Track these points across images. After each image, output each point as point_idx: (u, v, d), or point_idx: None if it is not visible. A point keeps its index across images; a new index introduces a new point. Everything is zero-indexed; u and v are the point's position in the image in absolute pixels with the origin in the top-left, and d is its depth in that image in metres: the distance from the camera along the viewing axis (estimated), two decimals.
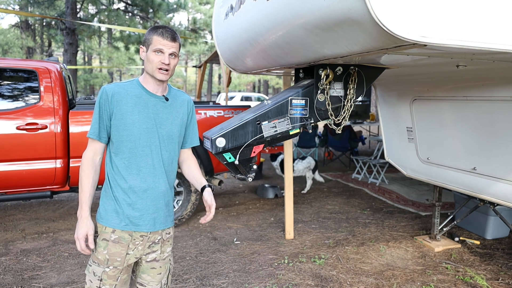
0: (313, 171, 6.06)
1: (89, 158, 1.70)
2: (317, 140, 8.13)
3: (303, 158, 6.08)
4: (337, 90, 2.34)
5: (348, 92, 2.35)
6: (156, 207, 1.75)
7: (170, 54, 1.68)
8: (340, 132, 2.42)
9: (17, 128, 3.65)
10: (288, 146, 4.00)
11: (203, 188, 1.85)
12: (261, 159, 6.52)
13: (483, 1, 1.41)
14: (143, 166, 1.72)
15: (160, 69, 1.67)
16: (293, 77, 3.15)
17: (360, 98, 2.59)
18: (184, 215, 4.40)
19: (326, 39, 1.74)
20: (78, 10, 12.90)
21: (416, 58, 2.05)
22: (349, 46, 1.67)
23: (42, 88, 3.77)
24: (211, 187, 1.86)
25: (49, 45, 22.00)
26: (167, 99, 1.77)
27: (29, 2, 15.42)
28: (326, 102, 2.32)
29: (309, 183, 6.03)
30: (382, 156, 7.01)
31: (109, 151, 1.74)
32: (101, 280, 1.69)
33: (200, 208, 5.08)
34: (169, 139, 1.78)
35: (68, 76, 4.48)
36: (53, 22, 16.00)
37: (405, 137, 3.93)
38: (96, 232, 1.73)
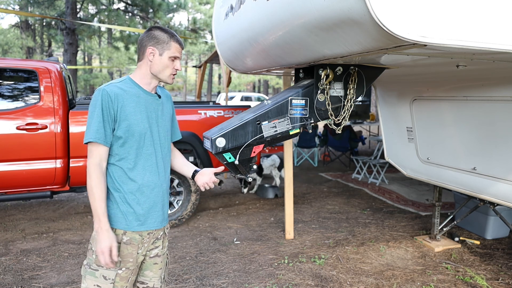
0: (279, 169, 6.10)
1: (96, 166, 1.60)
2: (317, 140, 8.13)
3: (268, 156, 6.09)
4: (337, 90, 2.34)
5: (348, 92, 2.35)
6: (162, 204, 1.79)
7: None
8: (340, 132, 2.43)
9: (17, 128, 3.65)
10: (288, 146, 4.00)
11: (195, 172, 1.94)
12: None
13: (483, 1, 1.41)
14: (148, 165, 1.72)
15: (174, 74, 1.75)
16: (293, 77, 3.15)
17: (360, 98, 2.59)
18: (184, 215, 4.40)
19: (326, 39, 1.74)
20: (78, 10, 12.90)
21: (416, 58, 2.05)
22: (349, 46, 1.67)
23: (42, 88, 3.77)
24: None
25: (49, 45, 22.00)
26: (159, 97, 1.80)
27: (29, 2, 15.42)
28: (326, 102, 2.32)
29: (277, 180, 6.10)
30: (382, 156, 7.01)
31: (112, 155, 1.68)
32: (114, 283, 1.67)
33: (200, 208, 5.08)
34: (165, 136, 1.82)
35: (68, 76, 4.48)
36: (53, 22, 15.99)
37: (405, 137, 3.93)
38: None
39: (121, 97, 1.64)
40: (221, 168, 1.96)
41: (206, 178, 1.90)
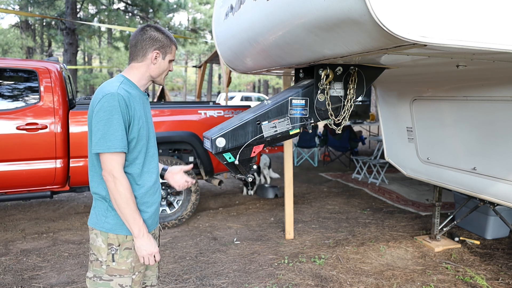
0: (268, 168, 6.31)
1: (123, 173, 1.55)
2: (317, 140, 8.13)
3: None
4: (337, 90, 2.34)
5: (348, 92, 2.35)
6: (159, 203, 1.81)
7: None
8: (340, 132, 2.43)
9: (17, 128, 3.65)
10: (288, 146, 4.00)
11: (163, 171, 1.94)
12: None
13: (483, 1, 1.41)
14: (152, 167, 1.72)
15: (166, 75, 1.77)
16: (293, 77, 3.15)
17: (360, 98, 2.59)
18: (184, 215, 4.40)
19: (326, 39, 1.74)
20: (78, 10, 12.90)
21: (416, 58, 2.05)
22: (349, 46, 1.67)
23: (42, 88, 3.77)
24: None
25: (49, 45, 22.00)
26: (148, 95, 1.79)
27: (29, 2, 15.43)
28: (326, 102, 2.32)
29: (268, 180, 6.29)
30: (382, 156, 7.01)
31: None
32: None
33: (200, 208, 5.08)
34: (155, 134, 1.81)
35: (68, 76, 4.48)
36: (53, 22, 16.00)
37: (405, 137, 3.93)
38: (110, 244, 1.62)
39: (131, 101, 1.58)
40: (190, 166, 1.97)
41: (179, 178, 1.92)
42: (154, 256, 1.63)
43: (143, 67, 1.67)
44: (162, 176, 1.94)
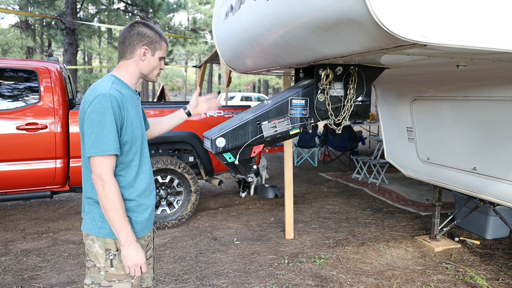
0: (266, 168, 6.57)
1: (113, 178, 1.50)
2: (317, 140, 8.13)
3: None
4: (337, 90, 2.34)
5: (348, 92, 2.35)
6: (154, 205, 1.80)
7: None
8: (340, 132, 2.43)
9: (17, 128, 3.65)
10: (288, 146, 4.00)
11: (184, 110, 2.03)
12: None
13: (483, 1, 1.41)
14: (147, 168, 1.70)
15: (159, 73, 1.73)
16: (293, 77, 3.15)
17: (360, 98, 2.59)
18: (184, 215, 4.40)
19: (326, 39, 1.74)
20: (78, 10, 12.90)
21: (416, 58, 2.05)
22: (349, 46, 1.67)
23: (42, 88, 3.77)
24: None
25: (49, 45, 22.00)
26: (140, 94, 1.78)
27: (29, 2, 15.42)
28: (326, 102, 2.32)
29: (263, 181, 6.45)
30: (382, 156, 7.01)
31: (116, 165, 1.57)
32: None
33: (200, 208, 5.08)
34: (146, 133, 1.79)
35: (68, 76, 4.48)
36: (53, 22, 15.99)
37: (405, 137, 3.93)
38: (107, 250, 1.59)
39: (123, 102, 1.54)
40: (197, 91, 2.06)
41: (203, 105, 2.01)
42: (141, 268, 1.55)
43: (132, 64, 1.63)
44: (188, 114, 2.03)
